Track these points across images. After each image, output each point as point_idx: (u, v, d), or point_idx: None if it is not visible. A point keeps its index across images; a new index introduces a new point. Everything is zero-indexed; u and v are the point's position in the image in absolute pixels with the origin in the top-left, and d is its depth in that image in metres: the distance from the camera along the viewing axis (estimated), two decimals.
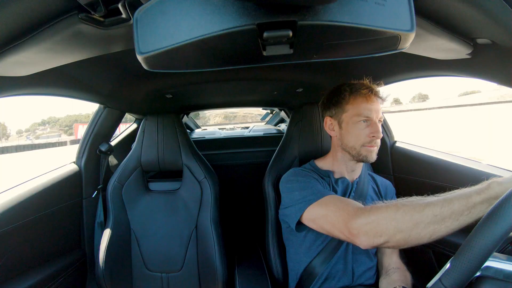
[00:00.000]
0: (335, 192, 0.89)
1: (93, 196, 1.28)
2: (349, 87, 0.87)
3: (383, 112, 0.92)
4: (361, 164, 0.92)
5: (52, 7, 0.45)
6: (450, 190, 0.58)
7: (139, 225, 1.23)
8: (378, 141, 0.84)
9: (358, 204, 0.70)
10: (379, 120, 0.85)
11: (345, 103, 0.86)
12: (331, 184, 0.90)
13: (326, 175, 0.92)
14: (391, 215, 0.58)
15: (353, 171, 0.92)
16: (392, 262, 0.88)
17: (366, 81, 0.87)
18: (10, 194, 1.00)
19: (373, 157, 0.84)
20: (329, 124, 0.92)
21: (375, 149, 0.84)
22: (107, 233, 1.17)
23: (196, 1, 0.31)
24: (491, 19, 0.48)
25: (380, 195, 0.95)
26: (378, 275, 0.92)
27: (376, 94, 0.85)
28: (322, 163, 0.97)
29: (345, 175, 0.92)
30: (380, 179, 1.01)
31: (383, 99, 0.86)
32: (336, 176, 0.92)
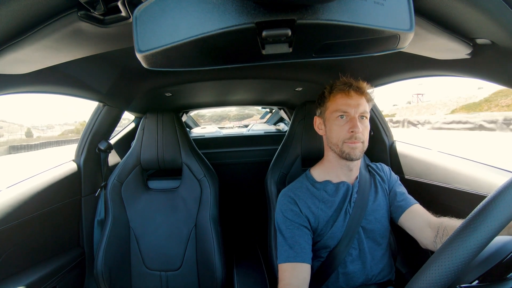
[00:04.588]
0: (334, 201, 0.87)
1: (96, 194, 1.28)
2: (330, 86, 0.88)
3: None
4: (357, 162, 0.89)
5: (52, 5, 0.45)
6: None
7: (138, 224, 1.23)
8: (361, 136, 0.81)
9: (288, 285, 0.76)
10: (364, 116, 0.83)
11: (326, 101, 0.87)
12: (329, 194, 0.88)
13: (322, 188, 0.89)
14: None
15: (351, 171, 0.89)
16: (434, 222, 0.81)
17: (345, 78, 0.87)
18: (9, 192, 1.00)
19: (356, 154, 0.81)
20: (318, 124, 0.92)
21: (358, 146, 0.81)
22: (106, 231, 1.17)
23: None
24: (491, 19, 0.48)
25: (383, 181, 0.94)
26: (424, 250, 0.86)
27: (357, 89, 0.84)
28: (318, 171, 0.94)
29: (343, 178, 0.90)
30: (374, 165, 0.99)
31: (364, 94, 0.85)
32: (335, 181, 0.90)
